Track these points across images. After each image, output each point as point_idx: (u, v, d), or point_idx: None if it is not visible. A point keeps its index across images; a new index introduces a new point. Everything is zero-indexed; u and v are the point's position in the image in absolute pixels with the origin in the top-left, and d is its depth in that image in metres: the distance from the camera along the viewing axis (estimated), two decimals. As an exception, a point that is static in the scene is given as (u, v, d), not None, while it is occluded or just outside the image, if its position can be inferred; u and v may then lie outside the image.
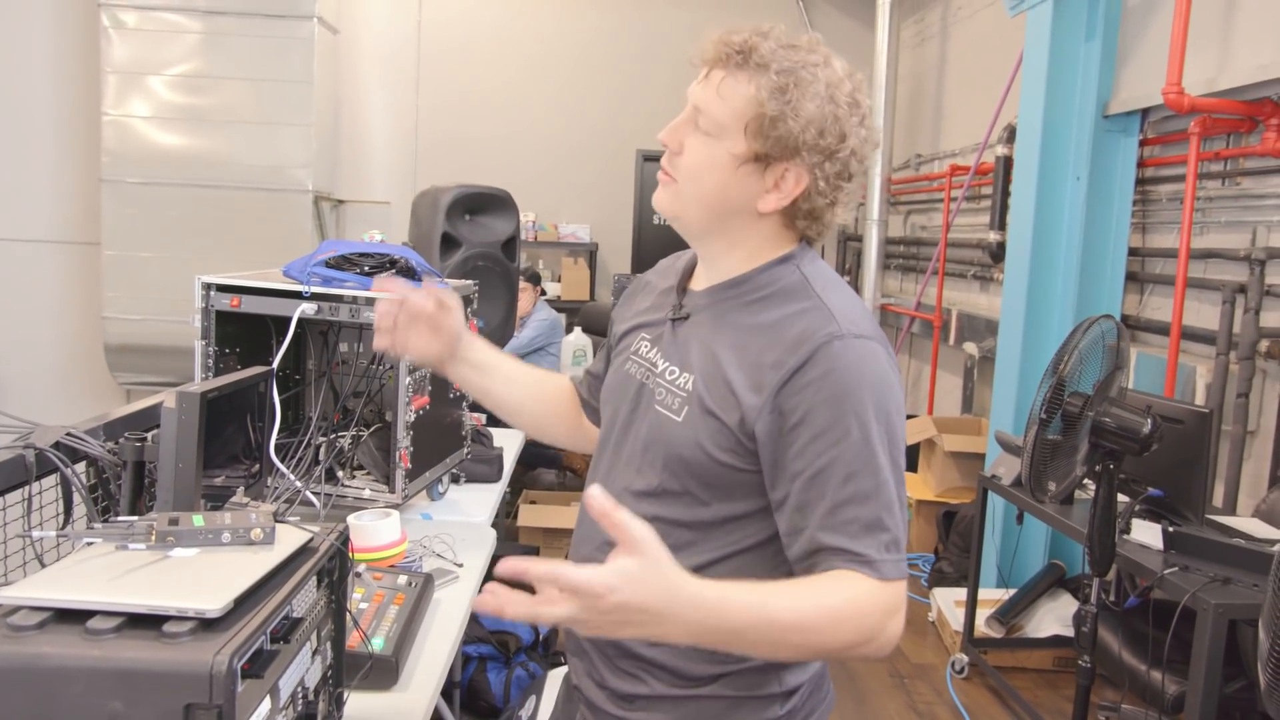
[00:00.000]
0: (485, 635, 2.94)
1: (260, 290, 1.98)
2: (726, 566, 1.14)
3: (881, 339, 1.10)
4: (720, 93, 1.09)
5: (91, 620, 0.90)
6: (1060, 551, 3.96)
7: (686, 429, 1.12)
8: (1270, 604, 1.54)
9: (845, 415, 1.04)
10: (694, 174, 1.12)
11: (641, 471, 1.17)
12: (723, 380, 1.11)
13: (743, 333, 1.13)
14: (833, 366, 1.05)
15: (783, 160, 1.09)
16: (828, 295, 1.12)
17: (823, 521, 1.05)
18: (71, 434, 1.56)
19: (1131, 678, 2.66)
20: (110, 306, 5.86)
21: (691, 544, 1.14)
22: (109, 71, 5.71)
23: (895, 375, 1.10)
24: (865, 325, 1.10)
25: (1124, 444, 2.28)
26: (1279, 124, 3.19)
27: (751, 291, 1.15)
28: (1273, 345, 3.15)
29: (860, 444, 1.04)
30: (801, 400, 1.05)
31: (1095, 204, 3.89)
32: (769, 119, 1.07)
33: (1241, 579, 2.32)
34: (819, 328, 1.07)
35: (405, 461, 2.01)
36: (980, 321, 5.33)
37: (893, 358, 1.12)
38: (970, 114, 5.83)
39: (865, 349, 1.07)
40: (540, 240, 7.17)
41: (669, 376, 1.17)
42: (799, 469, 1.06)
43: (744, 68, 1.08)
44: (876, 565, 1.04)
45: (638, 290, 1.36)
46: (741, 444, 1.09)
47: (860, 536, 1.04)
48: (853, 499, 1.04)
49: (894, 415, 1.07)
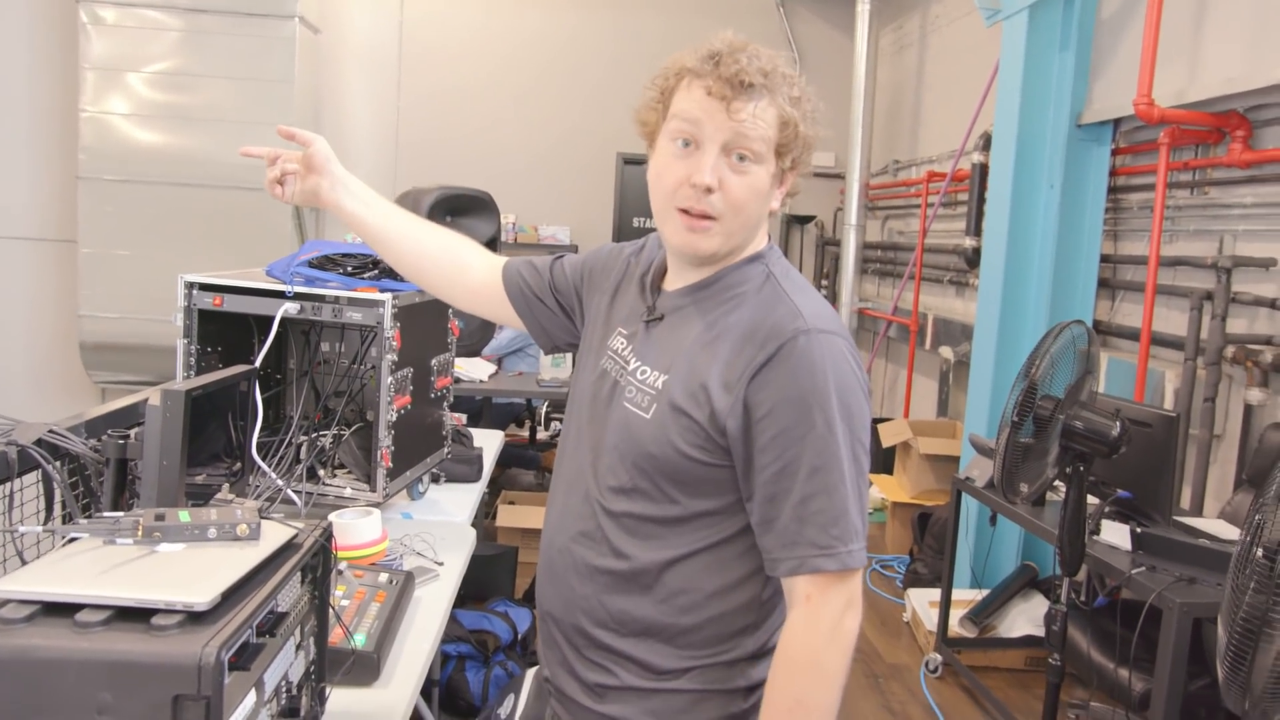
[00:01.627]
0: (464, 634, 2.96)
1: (243, 289, 1.99)
2: (699, 560, 1.17)
3: (845, 335, 1.14)
4: (757, 118, 1.11)
5: (80, 613, 0.92)
6: (1033, 553, 4.02)
7: (654, 426, 1.15)
8: (1228, 601, 1.59)
9: (810, 409, 1.08)
10: (741, 205, 1.14)
11: (613, 469, 1.20)
12: (695, 379, 1.14)
13: (714, 331, 1.16)
14: (799, 362, 1.09)
15: (796, 167, 1.16)
16: (795, 293, 1.16)
17: (794, 513, 1.09)
18: (54, 431, 1.57)
19: (1100, 676, 2.71)
20: (86, 304, 5.82)
21: (662, 538, 1.17)
22: (87, 68, 5.67)
23: (859, 370, 1.14)
24: (830, 322, 1.13)
25: (1093, 447, 2.33)
26: (1245, 135, 3.26)
27: (722, 291, 1.19)
28: (1238, 351, 3.21)
29: (825, 437, 1.08)
30: (768, 395, 1.09)
31: (1068, 211, 3.95)
32: (794, 137, 1.13)
33: (1206, 579, 2.37)
34: (786, 324, 1.11)
35: (386, 461, 2.03)
36: (956, 326, 5.39)
37: (857, 353, 1.16)
38: (947, 121, 5.90)
39: (830, 344, 1.11)
40: (520, 242, 7.18)
41: (640, 375, 1.20)
42: (766, 462, 1.10)
43: (766, 93, 1.11)
44: (840, 556, 1.08)
45: (611, 262, 1.37)
46: (712, 439, 1.13)
47: (828, 528, 1.08)
48: (820, 491, 1.08)
49: (856, 409, 1.11)
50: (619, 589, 1.19)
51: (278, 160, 1.40)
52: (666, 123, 1.15)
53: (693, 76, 1.12)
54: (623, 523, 1.19)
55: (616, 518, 1.19)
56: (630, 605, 1.18)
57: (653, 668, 1.19)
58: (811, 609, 1.10)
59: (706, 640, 1.18)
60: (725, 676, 1.18)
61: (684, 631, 1.17)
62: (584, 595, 1.21)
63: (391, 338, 1.97)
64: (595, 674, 1.22)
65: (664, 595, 1.17)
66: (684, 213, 1.14)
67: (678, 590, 1.17)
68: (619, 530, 1.19)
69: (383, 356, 1.97)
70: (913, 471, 4.94)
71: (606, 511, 1.20)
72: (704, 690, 1.18)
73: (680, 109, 1.13)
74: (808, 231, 7.80)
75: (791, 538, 1.09)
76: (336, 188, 1.40)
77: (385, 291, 1.98)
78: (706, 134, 1.11)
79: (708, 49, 1.12)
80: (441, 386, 2.35)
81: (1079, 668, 2.85)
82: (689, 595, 1.17)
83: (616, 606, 1.19)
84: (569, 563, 1.23)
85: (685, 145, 1.13)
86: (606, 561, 1.20)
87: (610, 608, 1.19)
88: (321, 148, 1.39)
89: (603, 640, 1.20)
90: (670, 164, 1.14)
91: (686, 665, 1.18)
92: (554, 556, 1.26)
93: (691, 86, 1.12)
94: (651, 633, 1.18)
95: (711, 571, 1.17)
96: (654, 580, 1.17)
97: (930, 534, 4.33)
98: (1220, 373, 3.30)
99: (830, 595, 1.09)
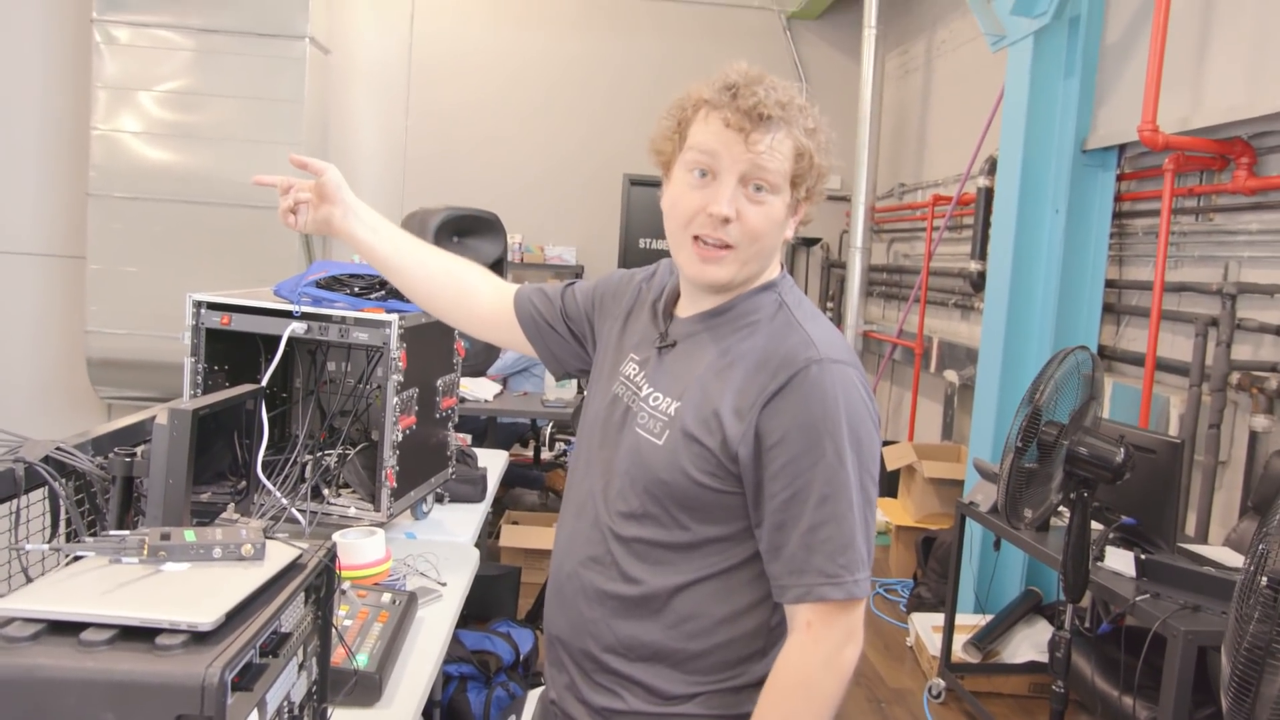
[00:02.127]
0: (466, 655, 2.95)
1: (251, 309, 2.00)
2: (708, 586, 1.17)
3: (857, 365, 1.15)
4: (775, 150, 1.12)
5: (85, 632, 0.92)
6: (1037, 578, 4.00)
7: (666, 453, 1.16)
8: (1232, 631, 1.58)
9: (821, 438, 1.09)
10: (758, 235, 1.15)
11: (623, 494, 1.20)
12: (707, 405, 1.15)
13: (727, 358, 1.17)
14: (810, 391, 1.10)
15: (809, 194, 1.18)
16: (807, 322, 1.17)
17: (802, 540, 1.09)
18: (61, 448, 1.57)
19: (1104, 703, 2.69)
20: (94, 320, 5.85)
21: (672, 564, 1.17)
22: (99, 87, 5.73)
23: (870, 401, 1.15)
24: (842, 352, 1.14)
25: (1097, 473, 2.32)
26: (1249, 163, 3.27)
27: (736, 319, 1.19)
28: (1243, 378, 3.21)
29: (835, 467, 1.09)
30: (779, 423, 1.10)
31: (1073, 236, 3.96)
32: (809, 167, 1.14)
33: (1211, 606, 2.36)
34: (799, 353, 1.12)
35: (391, 480, 2.03)
36: (961, 350, 5.39)
37: (868, 384, 1.16)
38: (953, 145, 5.92)
39: (842, 374, 1.12)
40: (527, 262, 7.21)
41: (653, 402, 1.21)
42: (776, 490, 1.11)
43: (783, 124, 1.12)
44: (846, 585, 1.09)
45: (623, 289, 1.38)
46: (724, 466, 1.13)
47: (835, 556, 1.09)
48: (829, 520, 1.09)
49: (865, 439, 1.12)
50: (628, 614, 1.19)
51: (290, 189, 1.42)
52: (683, 153, 1.16)
53: (710, 108, 1.13)
54: (633, 548, 1.19)
55: (626, 543, 1.19)
56: (639, 630, 1.18)
57: (660, 693, 1.18)
58: (812, 636, 1.10)
59: (714, 666, 1.18)
60: (733, 703, 1.18)
61: (692, 657, 1.18)
62: (592, 620, 1.22)
63: (397, 358, 1.98)
64: (603, 698, 1.22)
65: (673, 621, 1.17)
66: (699, 241, 1.15)
67: (686, 616, 1.17)
68: (629, 555, 1.19)
69: (388, 377, 1.98)
70: (917, 495, 4.93)
71: (616, 536, 1.20)
72: (711, 715, 1.18)
73: (697, 140, 1.14)
74: (813, 254, 7.82)
75: (799, 565, 1.10)
76: (349, 216, 1.42)
77: (392, 312, 2.00)
78: (724, 165, 1.12)
79: (724, 81, 1.13)
80: (447, 407, 2.36)
81: (1083, 694, 2.83)
82: (698, 621, 1.17)
83: (625, 631, 1.19)
84: (578, 587, 1.24)
85: (702, 175, 1.14)
86: (616, 586, 1.20)
87: (619, 632, 1.19)
88: (333, 176, 1.41)
89: (610, 665, 1.21)
90: (686, 194, 1.15)
91: (694, 691, 1.18)
92: (563, 581, 1.27)
93: (709, 118, 1.13)
94: (660, 658, 1.18)
95: (720, 598, 1.17)
96: (663, 605, 1.18)
97: (934, 558, 4.32)
98: (1225, 399, 3.30)
99: (832, 624, 1.10)
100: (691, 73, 1.22)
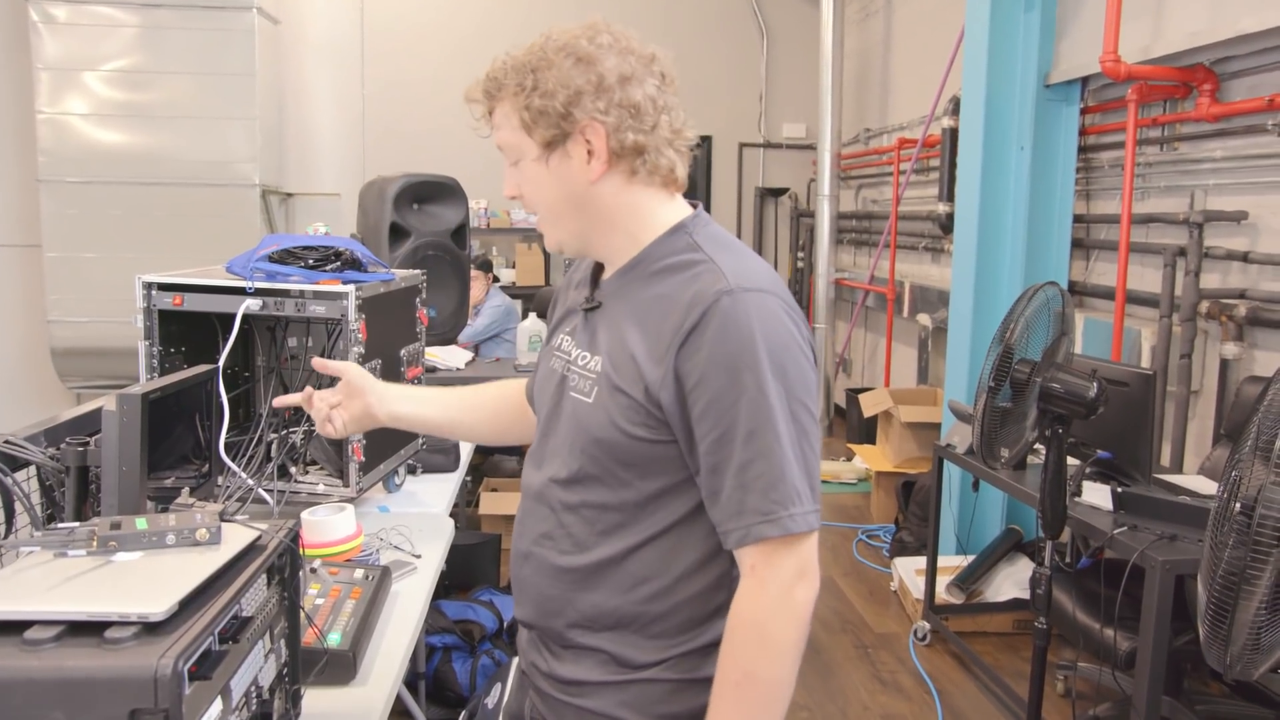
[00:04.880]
0: (449, 625, 2.94)
1: (202, 288, 1.95)
2: (660, 545, 1.15)
3: (776, 291, 1.11)
4: (500, 125, 1.18)
5: (30, 630, 0.89)
6: (1017, 516, 4.03)
7: (598, 410, 1.14)
8: (1207, 558, 1.58)
9: (740, 372, 1.06)
10: (534, 201, 1.20)
11: (564, 459, 1.18)
12: (626, 355, 1.12)
13: (642, 306, 1.14)
14: (724, 324, 1.06)
15: (571, 129, 1.13)
16: (718, 255, 1.13)
17: (735, 481, 1.07)
18: (10, 441, 1.52)
19: (1086, 637, 2.71)
20: (55, 309, 5.73)
21: (622, 525, 1.15)
22: (41, 68, 5.55)
23: (797, 326, 1.11)
24: (759, 279, 1.10)
25: (1071, 408, 2.32)
26: (1211, 89, 3.25)
27: (648, 266, 1.17)
28: (1213, 306, 3.22)
29: (758, 400, 1.05)
30: (696, 363, 1.07)
31: (1040, 173, 3.94)
32: (531, 111, 1.13)
33: (1188, 535, 2.38)
34: (709, 287, 1.09)
35: (358, 455, 2.00)
36: (933, 293, 5.39)
37: (795, 309, 1.12)
38: (916, 88, 5.88)
39: (756, 302, 1.08)
40: (493, 227, 7.13)
41: (580, 362, 1.19)
42: (704, 432, 1.08)
43: (497, 96, 1.17)
44: (782, 521, 1.06)
45: (558, 295, 1.39)
46: (651, 415, 1.11)
47: (768, 493, 1.06)
48: (757, 456, 1.06)
49: (790, 367, 1.08)
50: (586, 585, 1.17)
51: (311, 399, 1.47)
52: None
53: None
54: (580, 514, 1.17)
55: (574, 509, 1.17)
56: (599, 599, 1.17)
57: (627, 661, 1.17)
58: (758, 579, 1.07)
59: (679, 626, 1.16)
60: (701, 664, 1.16)
61: (655, 619, 1.16)
62: (552, 597, 1.20)
63: (357, 330, 1.93)
64: (569, 669, 1.20)
65: (629, 584, 1.15)
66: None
67: (642, 578, 1.15)
68: (578, 522, 1.17)
69: (349, 349, 1.94)
70: (895, 440, 4.95)
71: (564, 506, 1.18)
72: (680, 680, 1.16)
73: None
74: (781, 204, 7.78)
75: (736, 507, 1.07)
76: (386, 401, 1.45)
77: (348, 283, 1.95)
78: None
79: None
80: (413, 377, 2.31)
81: (1065, 629, 2.86)
82: (655, 582, 1.15)
83: (586, 603, 1.17)
84: (535, 567, 1.22)
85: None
86: (569, 559, 1.18)
87: (580, 606, 1.18)
88: (356, 373, 1.45)
89: (576, 640, 1.19)
90: None
91: (661, 656, 1.16)
92: (519, 564, 1.25)
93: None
94: (623, 624, 1.16)
95: (674, 555, 1.15)
96: (618, 571, 1.15)
97: (915, 502, 4.34)
98: (1196, 328, 3.31)
99: (777, 563, 1.07)
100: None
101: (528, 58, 1.14)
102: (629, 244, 1.18)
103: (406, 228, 3.24)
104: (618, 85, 1.12)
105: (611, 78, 1.12)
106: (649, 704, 1.16)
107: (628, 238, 1.18)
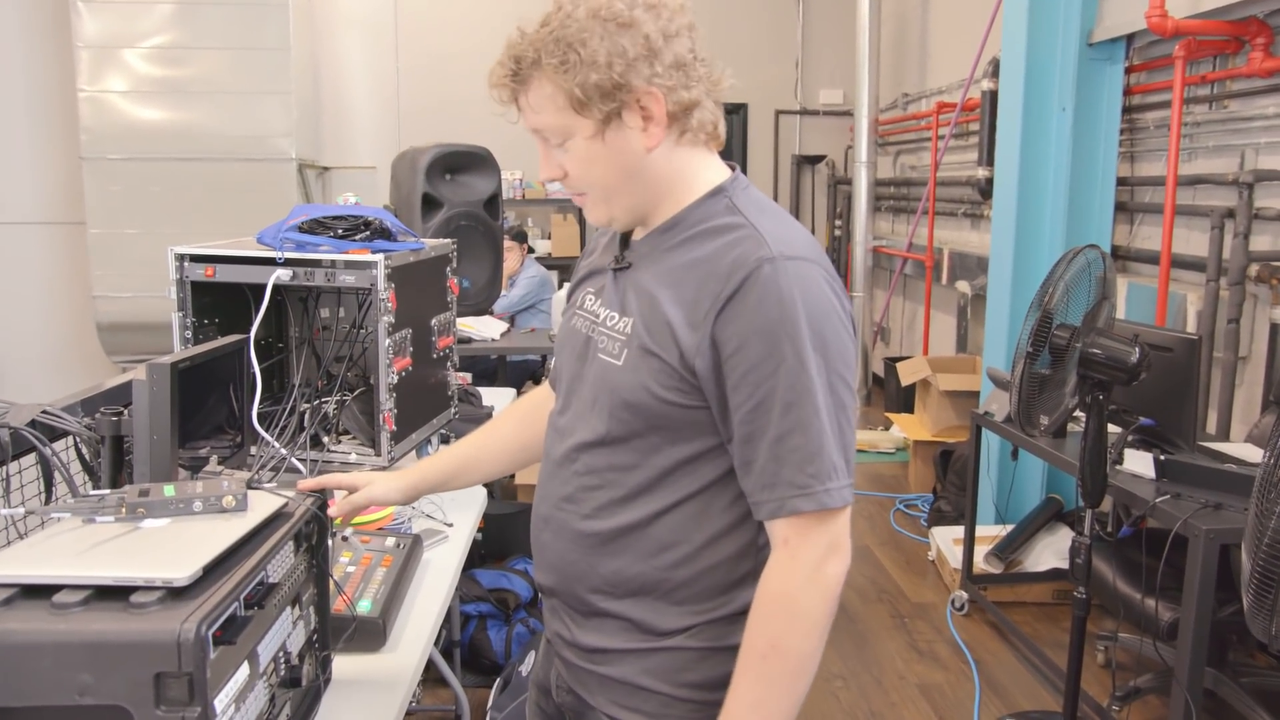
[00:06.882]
0: (484, 594, 2.96)
1: (233, 259, 1.96)
2: (685, 510, 1.13)
3: (819, 260, 1.09)
4: (538, 108, 1.12)
5: (58, 594, 0.90)
6: (1057, 485, 3.97)
7: (628, 372, 1.12)
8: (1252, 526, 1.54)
9: (780, 342, 1.03)
10: (587, 179, 1.15)
11: (589, 422, 1.16)
12: (661, 319, 1.10)
13: (678, 270, 1.11)
14: (765, 292, 1.04)
15: (626, 100, 1.08)
16: (760, 221, 1.10)
17: (770, 452, 1.05)
18: (47, 411, 1.55)
19: (1127, 607, 2.67)
20: (99, 285, 5.84)
21: (648, 490, 1.13)
22: (81, 47, 5.63)
23: (838, 297, 1.08)
24: (802, 248, 1.08)
25: (1112, 374, 2.27)
26: (1265, 43, 3.14)
27: (686, 229, 1.14)
28: (1262, 270, 3.13)
29: (797, 371, 1.03)
30: (735, 330, 1.05)
31: (1082, 135, 3.84)
32: (585, 88, 1.07)
33: (1233, 504, 2.32)
34: (750, 254, 1.06)
35: (390, 424, 2.01)
36: (972, 259, 5.30)
37: (836, 279, 1.10)
38: (955, 50, 5.75)
39: (798, 270, 1.05)
40: (529, 198, 7.12)
41: (609, 323, 1.17)
42: (740, 401, 1.06)
43: (532, 77, 1.11)
44: (818, 495, 1.04)
45: (587, 252, 1.36)
46: (685, 380, 1.09)
47: (804, 466, 1.04)
48: (795, 428, 1.04)
49: (831, 339, 1.05)
50: (608, 550, 1.16)
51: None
52: None
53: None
54: (605, 477, 1.15)
55: (598, 473, 1.16)
56: (622, 565, 1.15)
57: (651, 628, 1.16)
58: (789, 552, 1.06)
59: (704, 593, 1.14)
60: (724, 633, 1.14)
61: (679, 585, 1.14)
62: (573, 562, 1.19)
63: (387, 299, 1.94)
64: (592, 637, 1.19)
65: (653, 549, 1.14)
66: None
67: (667, 544, 1.14)
68: (602, 485, 1.16)
69: (379, 319, 1.94)
70: (933, 409, 4.89)
71: (588, 468, 1.17)
72: (704, 648, 1.15)
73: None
74: (818, 171, 7.68)
75: (769, 479, 1.05)
76: (392, 493, 1.46)
77: (378, 252, 1.95)
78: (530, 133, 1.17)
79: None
80: (444, 346, 2.32)
81: (1105, 599, 2.82)
82: (680, 548, 1.14)
83: (608, 568, 1.16)
84: (556, 530, 1.21)
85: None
86: (591, 523, 1.17)
87: (602, 570, 1.16)
88: (360, 495, 1.44)
89: (599, 605, 1.18)
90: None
91: (686, 624, 1.15)
92: (540, 528, 1.24)
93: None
94: (646, 590, 1.15)
95: (699, 521, 1.13)
96: (642, 536, 1.14)
97: (953, 471, 4.29)
98: (1244, 293, 3.22)
99: (810, 537, 1.05)
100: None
101: (562, 30, 1.07)
102: (672, 207, 1.16)
103: (439, 198, 3.24)
104: (665, 45, 1.08)
105: (657, 38, 1.08)
106: (673, 672, 1.15)
107: (673, 201, 1.16)
